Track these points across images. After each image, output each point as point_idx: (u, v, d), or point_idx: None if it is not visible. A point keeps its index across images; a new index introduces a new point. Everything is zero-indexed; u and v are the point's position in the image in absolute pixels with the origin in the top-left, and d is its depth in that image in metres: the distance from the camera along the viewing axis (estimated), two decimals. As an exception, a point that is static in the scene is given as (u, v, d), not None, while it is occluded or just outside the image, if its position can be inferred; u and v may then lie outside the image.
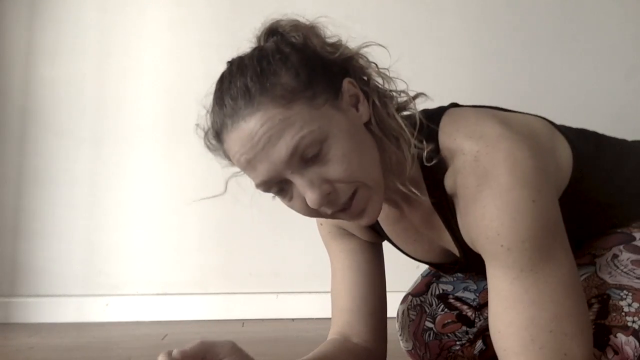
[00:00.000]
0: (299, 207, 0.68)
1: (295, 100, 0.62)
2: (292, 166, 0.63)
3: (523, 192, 0.60)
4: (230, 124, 0.64)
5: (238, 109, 0.63)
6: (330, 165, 0.63)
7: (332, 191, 0.64)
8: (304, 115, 0.62)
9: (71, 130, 1.82)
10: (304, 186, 0.63)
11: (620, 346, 0.66)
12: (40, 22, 1.84)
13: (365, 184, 0.65)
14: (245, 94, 0.63)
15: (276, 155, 0.62)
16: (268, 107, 0.61)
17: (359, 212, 0.67)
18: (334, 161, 0.63)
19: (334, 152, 0.63)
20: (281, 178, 0.64)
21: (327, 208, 0.66)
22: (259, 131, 0.61)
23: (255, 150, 0.62)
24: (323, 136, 0.63)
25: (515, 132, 0.65)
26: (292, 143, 0.61)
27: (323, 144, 0.63)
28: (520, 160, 0.61)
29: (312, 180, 0.63)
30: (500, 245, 0.61)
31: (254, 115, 0.62)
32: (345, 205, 0.66)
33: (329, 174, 0.63)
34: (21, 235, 1.79)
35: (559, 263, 0.62)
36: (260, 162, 0.63)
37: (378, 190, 0.67)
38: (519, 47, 1.94)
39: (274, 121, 0.61)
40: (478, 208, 0.62)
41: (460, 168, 0.65)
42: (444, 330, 0.96)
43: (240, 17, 1.81)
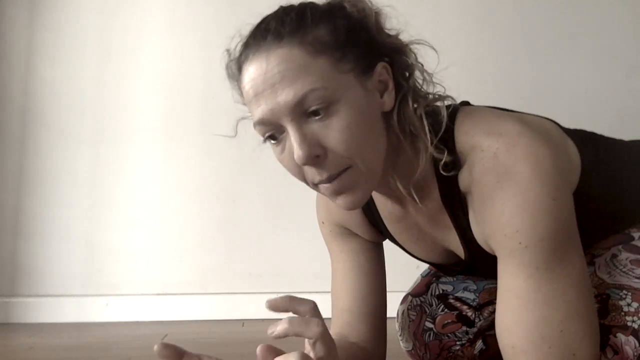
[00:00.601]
0: (287, 163, 0.66)
1: (322, 54, 0.61)
2: (294, 115, 0.61)
3: (544, 190, 0.60)
4: (253, 53, 0.63)
5: (265, 42, 0.62)
6: (330, 130, 0.62)
7: (321, 156, 0.63)
8: (325, 71, 0.61)
9: (71, 130, 1.82)
10: (296, 138, 0.61)
11: (620, 346, 0.67)
12: (40, 22, 1.84)
13: (358, 165, 0.64)
14: (277, 30, 0.62)
15: (282, 98, 0.61)
16: (293, 48, 0.61)
17: (341, 190, 0.65)
18: (335, 128, 0.62)
19: (338, 119, 0.62)
20: (279, 124, 0.63)
21: (312, 172, 0.65)
22: (275, 68, 0.61)
23: (265, 85, 0.61)
24: (334, 99, 0.61)
25: (534, 130, 0.65)
26: (301, 91, 0.60)
27: (331, 106, 0.61)
28: (541, 158, 0.61)
29: (306, 135, 0.62)
30: (519, 242, 0.61)
31: (277, 51, 0.61)
32: (330, 178, 0.64)
33: (326, 138, 0.62)
34: (21, 235, 1.79)
35: (572, 263, 0.62)
36: (265, 99, 0.62)
37: (369, 179, 0.66)
38: (519, 47, 1.94)
39: (293, 63, 0.61)
40: (497, 204, 0.62)
41: (478, 164, 0.64)
42: (444, 331, 0.96)
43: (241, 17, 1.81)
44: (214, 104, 1.82)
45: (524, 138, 0.63)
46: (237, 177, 1.86)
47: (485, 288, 0.97)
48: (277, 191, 1.85)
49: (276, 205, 1.86)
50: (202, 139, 1.85)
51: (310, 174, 0.65)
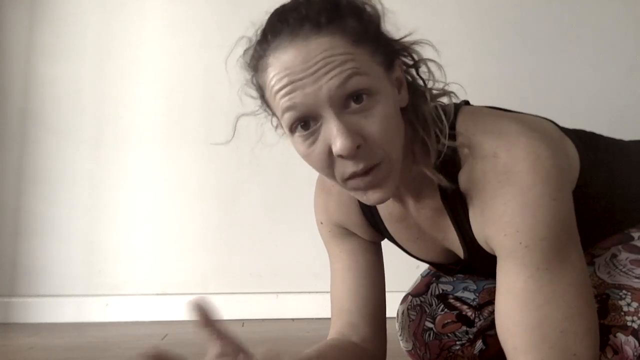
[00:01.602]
0: (317, 155, 0.63)
1: (361, 44, 0.61)
2: (335, 102, 0.60)
3: (545, 190, 0.60)
4: (289, 41, 0.61)
5: (302, 28, 0.60)
6: (370, 121, 0.61)
7: (363, 146, 0.61)
8: (366, 60, 0.61)
9: (71, 130, 1.83)
10: (339, 129, 0.59)
11: (619, 346, 0.67)
12: (40, 22, 1.84)
13: (390, 158, 0.64)
14: (315, 18, 0.60)
15: (325, 83, 0.59)
16: (336, 36, 0.60)
17: (374, 184, 0.64)
18: (376, 118, 0.61)
19: (377, 110, 0.61)
20: (316, 112, 0.61)
21: (346, 165, 0.62)
22: (319, 55, 0.59)
23: (305, 72, 0.59)
24: (375, 88, 0.61)
25: (534, 130, 0.65)
26: (346, 74, 0.59)
27: (371, 96, 0.61)
28: (542, 158, 0.61)
29: (349, 126, 0.60)
30: (519, 242, 0.61)
31: (319, 39, 0.60)
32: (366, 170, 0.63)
33: (367, 128, 0.61)
34: (21, 235, 1.79)
35: (573, 263, 0.62)
36: (302, 87, 0.60)
37: (396, 173, 0.66)
38: (519, 47, 1.94)
39: (337, 51, 0.59)
40: (498, 204, 0.62)
41: (478, 164, 0.64)
42: (444, 330, 0.96)
43: (241, 17, 1.81)
44: (213, 104, 1.82)
45: (524, 138, 0.63)
46: (237, 177, 1.86)
47: (485, 288, 0.97)
48: (277, 191, 1.85)
49: (276, 205, 1.86)
50: (202, 139, 1.85)
51: (343, 167, 0.63)
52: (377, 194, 0.65)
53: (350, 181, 0.64)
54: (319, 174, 0.89)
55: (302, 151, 0.65)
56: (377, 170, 0.63)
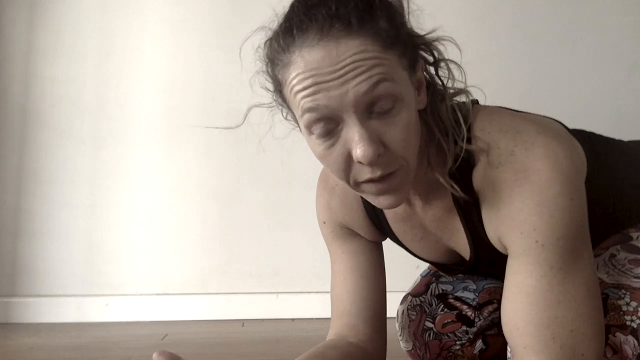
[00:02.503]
0: (335, 158, 0.62)
1: (391, 48, 0.59)
2: (359, 107, 0.58)
3: (563, 190, 0.60)
4: (317, 39, 0.58)
5: (332, 28, 0.57)
6: (393, 129, 0.60)
7: (383, 154, 0.60)
8: (394, 65, 0.60)
9: (71, 130, 1.83)
10: (362, 136, 0.58)
11: (619, 345, 0.67)
12: (40, 22, 1.84)
13: (408, 165, 0.63)
14: (346, 17, 0.58)
15: (352, 87, 0.57)
16: (367, 39, 0.58)
17: (388, 190, 0.64)
18: (398, 126, 0.60)
19: (401, 117, 0.60)
20: (338, 115, 0.59)
21: (363, 170, 0.62)
22: (348, 58, 0.57)
23: (332, 75, 0.57)
24: (400, 95, 0.60)
25: (550, 130, 0.65)
26: (375, 79, 0.57)
27: (396, 104, 0.59)
28: (560, 157, 0.61)
29: (371, 133, 0.59)
30: (535, 240, 0.61)
31: (349, 41, 0.57)
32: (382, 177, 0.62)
33: (389, 136, 0.60)
34: (21, 235, 1.79)
35: (584, 263, 0.62)
36: (327, 90, 0.58)
37: (411, 179, 0.66)
38: (519, 47, 1.94)
39: (367, 55, 0.57)
40: (515, 202, 0.62)
41: (494, 162, 0.64)
42: (444, 330, 0.96)
43: (240, 18, 1.82)
44: (214, 104, 1.82)
45: (542, 137, 0.63)
46: (237, 177, 1.86)
47: (485, 288, 0.97)
48: (277, 191, 1.85)
49: (276, 205, 1.86)
50: (202, 139, 1.85)
51: (360, 171, 0.62)
52: (389, 200, 0.65)
53: (364, 185, 0.64)
54: (320, 173, 0.89)
55: (319, 152, 0.63)
56: (392, 178, 0.63)
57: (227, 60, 1.79)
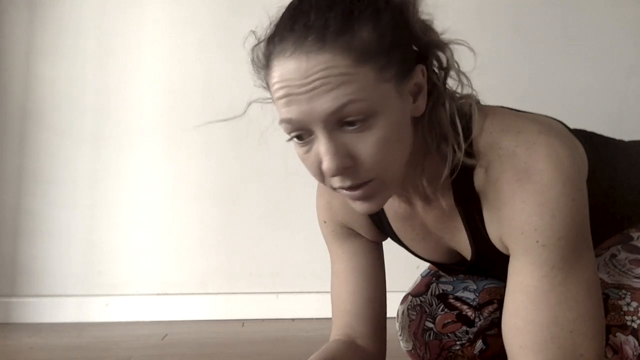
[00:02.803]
0: (310, 164, 0.64)
1: (366, 62, 0.58)
2: (327, 123, 0.59)
3: (565, 190, 0.60)
4: (291, 51, 0.58)
5: (306, 40, 0.57)
6: (363, 142, 0.60)
7: (352, 167, 0.61)
8: (368, 81, 0.58)
9: (71, 130, 1.83)
10: (327, 149, 0.59)
11: (619, 345, 0.67)
12: (40, 22, 1.84)
13: (382, 179, 0.63)
14: (321, 29, 0.57)
15: (319, 105, 0.58)
16: (337, 54, 0.57)
17: (361, 198, 0.64)
18: (369, 141, 0.60)
19: (374, 132, 0.59)
20: (309, 127, 0.60)
21: (336, 179, 0.63)
22: (316, 74, 0.57)
23: (301, 89, 0.58)
24: (373, 111, 0.59)
25: (552, 130, 0.65)
26: (341, 101, 0.57)
27: (369, 119, 0.59)
28: (562, 157, 0.61)
29: (339, 147, 0.59)
30: (536, 241, 0.60)
31: (319, 55, 0.57)
32: (353, 188, 0.63)
33: (358, 149, 0.60)
34: (21, 235, 1.79)
35: (586, 263, 0.62)
36: (298, 103, 0.59)
37: (390, 187, 0.65)
38: (519, 48, 1.94)
39: (335, 71, 0.57)
40: (517, 202, 0.62)
41: (496, 162, 0.64)
42: (444, 330, 0.96)
43: (240, 17, 1.82)
44: (213, 104, 1.82)
45: (544, 137, 0.62)
46: (237, 177, 1.86)
47: (485, 288, 0.97)
48: (277, 191, 1.85)
49: (276, 205, 1.86)
50: (202, 139, 1.85)
51: (331, 180, 0.63)
52: (363, 206, 0.65)
53: (339, 190, 0.65)
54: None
55: (298, 154, 0.65)
56: (365, 187, 0.63)
57: (227, 60, 1.79)
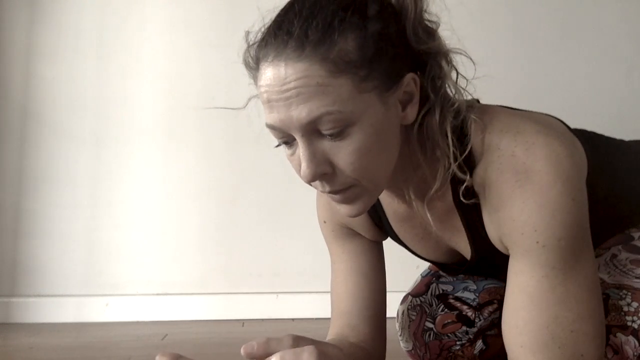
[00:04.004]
0: (295, 167, 0.66)
1: (344, 73, 0.58)
2: (305, 131, 0.60)
3: (564, 190, 0.60)
4: (272, 57, 0.59)
5: (286, 47, 0.58)
6: (341, 151, 0.61)
7: (330, 173, 0.62)
8: (344, 92, 0.58)
9: (71, 130, 1.83)
10: (305, 156, 0.61)
11: (619, 345, 0.67)
12: (40, 22, 1.84)
13: (362, 185, 0.64)
14: (301, 37, 0.58)
15: (295, 114, 0.59)
16: (314, 64, 0.57)
17: (344, 202, 0.66)
18: (347, 150, 0.60)
19: (351, 141, 0.60)
20: (290, 134, 0.62)
21: (316, 184, 0.65)
22: (292, 82, 0.58)
23: (280, 96, 0.59)
24: (350, 121, 0.59)
25: (550, 129, 0.65)
26: (315, 113, 0.58)
27: (345, 129, 0.60)
28: (561, 157, 0.61)
29: (315, 154, 0.61)
30: (536, 241, 0.60)
31: (296, 64, 0.58)
32: (334, 192, 0.65)
33: (336, 158, 0.61)
34: (21, 235, 1.79)
35: (586, 264, 0.62)
36: (278, 110, 0.60)
37: (373, 193, 0.66)
38: (518, 47, 1.94)
39: (311, 81, 0.57)
40: (517, 203, 0.61)
41: (494, 163, 0.63)
42: (444, 331, 0.96)
43: (240, 17, 1.81)
44: (213, 104, 1.82)
45: (543, 137, 0.62)
46: (237, 176, 1.86)
47: (485, 288, 0.97)
48: (277, 191, 1.85)
49: (276, 205, 1.86)
50: (202, 139, 1.85)
51: (314, 183, 0.65)
52: (347, 210, 0.67)
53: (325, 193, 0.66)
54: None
55: (286, 155, 0.67)
56: (347, 192, 0.64)
57: (226, 60, 1.79)
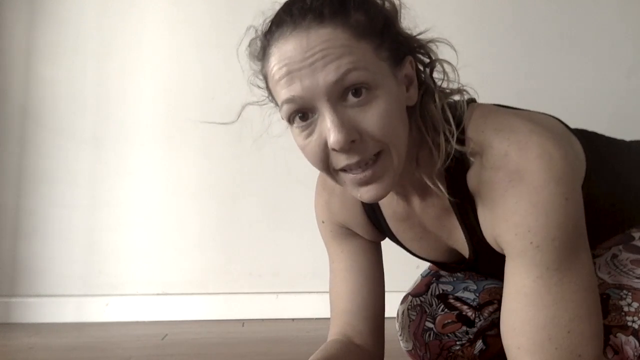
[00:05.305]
0: (313, 147, 0.63)
1: (364, 38, 0.61)
2: (332, 95, 0.60)
3: (557, 190, 0.60)
4: (290, 31, 0.60)
5: (304, 19, 0.60)
6: (368, 115, 0.61)
7: (358, 141, 0.61)
8: (367, 54, 0.61)
9: (71, 130, 1.83)
10: (333, 122, 0.59)
11: (620, 346, 0.67)
12: (40, 22, 1.84)
13: (390, 150, 0.63)
14: (318, 9, 0.60)
15: (322, 76, 0.59)
16: (337, 28, 0.59)
17: (370, 180, 0.63)
18: (374, 113, 0.61)
19: (377, 104, 0.61)
20: (313, 105, 0.61)
21: (341, 158, 0.62)
22: (317, 47, 0.59)
23: (303, 63, 0.59)
24: (374, 83, 0.60)
25: (545, 129, 0.65)
26: (343, 69, 0.59)
27: (371, 90, 0.60)
28: (554, 157, 0.61)
29: (344, 120, 0.60)
30: (530, 242, 0.60)
31: (319, 30, 0.59)
32: (361, 164, 0.63)
33: (364, 123, 0.61)
34: (21, 235, 1.79)
35: (582, 263, 0.62)
36: (301, 78, 0.60)
37: (397, 168, 0.65)
38: (519, 47, 1.94)
39: (336, 43, 0.59)
40: (509, 203, 0.61)
41: (488, 163, 0.64)
42: (444, 331, 0.96)
43: (240, 17, 1.81)
44: (213, 104, 1.82)
45: (536, 137, 0.62)
46: (236, 176, 1.86)
47: (486, 288, 0.97)
48: (277, 191, 1.85)
49: (276, 205, 1.86)
50: (201, 139, 1.85)
51: (338, 159, 0.63)
52: (370, 192, 0.64)
53: (343, 174, 0.65)
54: (319, 173, 0.89)
55: (300, 142, 0.65)
56: (374, 165, 0.63)
57: (226, 59, 1.79)
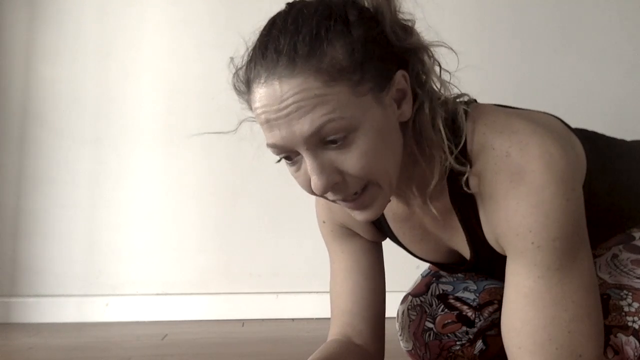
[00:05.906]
0: (302, 183, 0.65)
1: (339, 80, 0.58)
2: (310, 144, 0.60)
3: (558, 190, 0.60)
4: (265, 77, 0.60)
5: (277, 65, 0.59)
6: (348, 157, 0.61)
7: (340, 182, 0.62)
8: (342, 98, 0.59)
9: (71, 130, 1.82)
10: (313, 169, 0.60)
11: (620, 346, 0.67)
12: (40, 22, 1.84)
13: (377, 183, 0.64)
14: (291, 53, 0.58)
15: (297, 128, 0.59)
16: (309, 77, 0.58)
17: (362, 207, 0.65)
18: (353, 154, 0.60)
19: (357, 145, 0.60)
20: (294, 150, 0.62)
21: (329, 194, 0.64)
22: (290, 98, 0.58)
23: (279, 114, 0.59)
24: (352, 126, 0.60)
25: (546, 129, 0.64)
26: (318, 122, 0.58)
27: (349, 135, 0.60)
28: (555, 157, 0.61)
29: (324, 165, 0.61)
30: (531, 242, 0.61)
31: (291, 80, 0.58)
32: (350, 198, 0.64)
33: (345, 165, 0.61)
34: (21, 235, 1.79)
35: (582, 263, 0.62)
36: (278, 127, 0.60)
37: (388, 192, 0.66)
38: (519, 47, 1.94)
39: (309, 94, 0.58)
40: (511, 204, 0.61)
41: (489, 164, 0.64)
42: (444, 331, 0.96)
43: (240, 17, 1.81)
44: (213, 104, 1.82)
45: (537, 137, 0.62)
46: (237, 176, 1.86)
47: (486, 288, 0.97)
48: (277, 191, 1.85)
49: (276, 205, 1.86)
50: (202, 139, 1.85)
51: (328, 195, 0.65)
52: (361, 215, 0.67)
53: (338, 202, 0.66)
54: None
55: (290, 173, 0.67)
56: (363, 196, 0.64)
57: (226, 60, 1.79)
